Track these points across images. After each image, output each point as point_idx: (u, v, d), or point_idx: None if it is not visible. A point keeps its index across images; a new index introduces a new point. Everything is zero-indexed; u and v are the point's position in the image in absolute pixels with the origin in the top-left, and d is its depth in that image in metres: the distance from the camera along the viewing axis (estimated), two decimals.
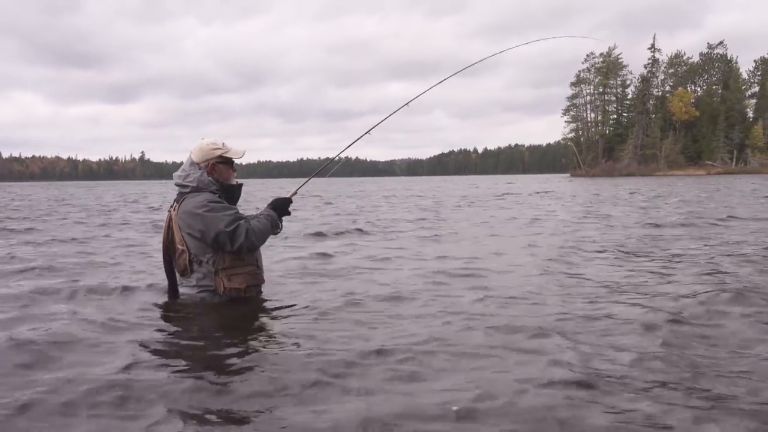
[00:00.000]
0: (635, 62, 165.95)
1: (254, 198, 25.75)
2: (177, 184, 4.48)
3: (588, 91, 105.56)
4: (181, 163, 4.60)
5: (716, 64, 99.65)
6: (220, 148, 4.48)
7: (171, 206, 4.53)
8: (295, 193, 4.89)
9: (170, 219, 4.47)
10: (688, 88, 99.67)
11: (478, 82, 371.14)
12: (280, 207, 4.65)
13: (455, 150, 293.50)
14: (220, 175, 4.49)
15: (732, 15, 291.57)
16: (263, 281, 4.70)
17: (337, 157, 5.45)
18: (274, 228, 4.57)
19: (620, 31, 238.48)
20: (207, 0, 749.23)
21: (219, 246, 4.28)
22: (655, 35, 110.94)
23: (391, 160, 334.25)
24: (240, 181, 4.73)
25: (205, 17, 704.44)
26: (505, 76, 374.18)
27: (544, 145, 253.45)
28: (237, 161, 4.63)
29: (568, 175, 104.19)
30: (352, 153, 5.48)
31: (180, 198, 4.43)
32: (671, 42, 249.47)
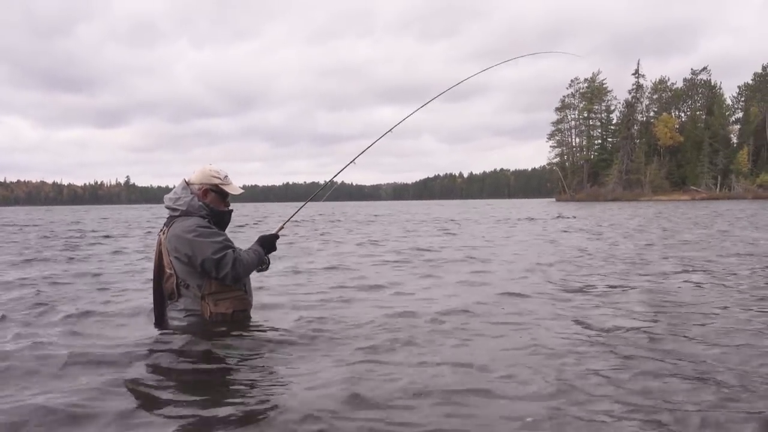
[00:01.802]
0: (627, 86, 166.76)
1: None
2: (167, 207, 4.44)
3: (573, 116, 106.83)
4: (167, 188, 4.56)
5: (700, 89, 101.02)
6: (219, 179, 4.47)
7: (161, 230, 4.49)
8: (282, 228, 4.90)
9: (160, 243, 4.42)
10: (672, 114, 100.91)
11: (468, 107, 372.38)
12: (267, 244, 4.65)
13: (441, 174, 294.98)
14: (211, 201, 4.47)
15: (724, 39, 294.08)
16: (251, 306, 4.66)
17: (330, 182, 5.50)
18: (262, 264, 4.59)
19: (611, 56, 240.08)
20: (200, 23, 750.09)
21: (205, 272, 4.24)
22: (639, 61, 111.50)
23: (377, 185, 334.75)
24: (230, 207, 4.69)
25: (198, 41, 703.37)
26: (494, 101, 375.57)
27: (530, 169, 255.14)
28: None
29: (554, 199, 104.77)
30: (339, 177, 5.49)
31: (170, 222, 4.39)
32: (663, 66, 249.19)
